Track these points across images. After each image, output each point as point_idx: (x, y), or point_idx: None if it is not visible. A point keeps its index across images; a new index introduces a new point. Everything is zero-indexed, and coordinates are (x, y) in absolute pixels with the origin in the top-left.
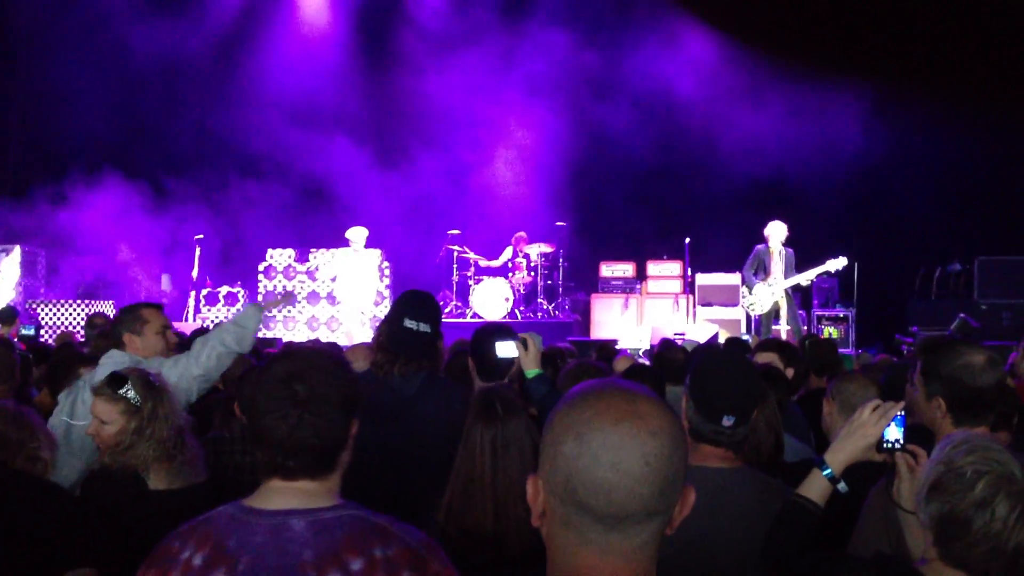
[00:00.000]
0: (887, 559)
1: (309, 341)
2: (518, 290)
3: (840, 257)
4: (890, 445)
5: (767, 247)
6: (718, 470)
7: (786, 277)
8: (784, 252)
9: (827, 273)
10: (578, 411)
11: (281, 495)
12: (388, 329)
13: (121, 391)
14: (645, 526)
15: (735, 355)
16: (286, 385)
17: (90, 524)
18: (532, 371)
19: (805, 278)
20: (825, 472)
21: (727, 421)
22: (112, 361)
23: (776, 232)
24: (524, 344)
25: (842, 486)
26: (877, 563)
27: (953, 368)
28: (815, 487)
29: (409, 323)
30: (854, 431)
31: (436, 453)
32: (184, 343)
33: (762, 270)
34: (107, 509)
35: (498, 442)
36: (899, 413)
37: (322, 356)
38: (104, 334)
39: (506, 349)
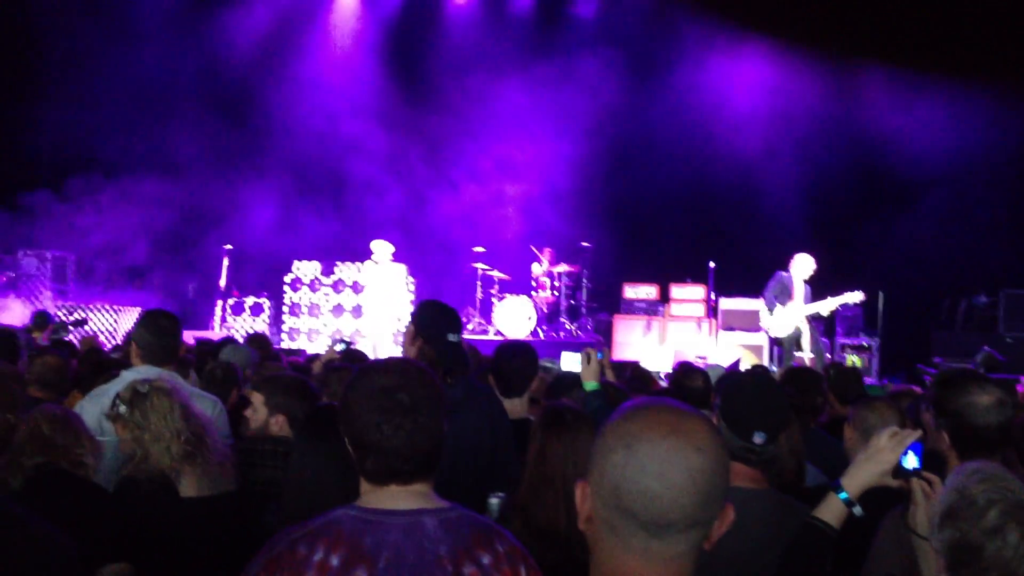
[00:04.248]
0: None
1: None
2: (541, 309)
3: (857, 291)
4: (906, 472)
5: (791, 276)
6: (746, 490)
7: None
8: (805, 286)
9: (844, 304)
10: (629, 423)
11: (404, 497)
12: (435, 347)
13: (114, 409)
14: (685, 536)
15: (764, 376)
16: (390, 396)
17: (126, 524)
18: (590, 384)
19: (824, 308)
20: (841, 496)
21: (758, 438)
22: (137, 375)
23: (804, 266)
24: (587, 358)
25: (857, 510)
26: None
27: (958, 405)
28: (831, 510)
29: (452, 337)
30: (871, 456)
31: (484, 453)
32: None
33: (785, 295)
34: (138, 512)
35: (569, 448)
36: (916, 441)
37: (410, 365)
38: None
39: (570, 361)
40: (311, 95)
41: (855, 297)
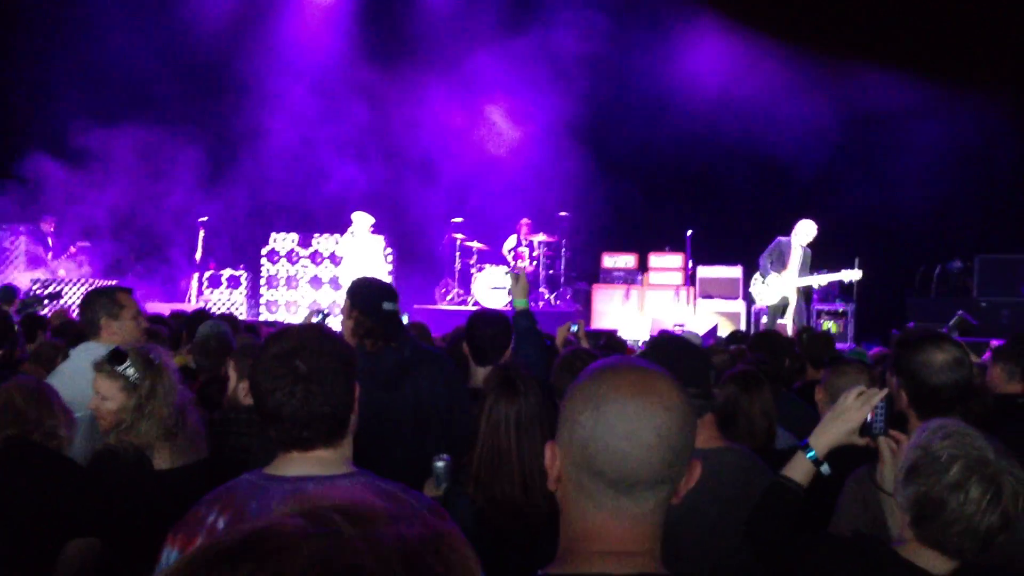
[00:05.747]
0: (865, 538)
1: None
2: None
3: (856, 269)
4: (874, 430)
5: (790, 241)
6: (713, 449)
7: (800, 275)
8: (804, 251)
9: (840, 282)
10: (597, 384)
11: (298, 463)
12: (371, 317)
13: (121, 368)
14: (654, 493)
15: (663, 336)
16: (283, 363)
17: (98, 498)
18: (520, 302)
19: (816, 282)
20: (809, 454)
21: (712, 376)
22: (87, 353)
23: (805, 231)
24: (516, 279)
25: (825, 468)
26: (855, 541)
27: (914, 364)
28: (799, 468)
29: (387, 306)
30: (838, 415)
31: (437, 413)
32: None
33: (779, 263)
34: (114, 487)
35: (522, 417)
36: (883, 400)
37: (311, 330)
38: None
39: (494, 276)
40: (286, 65)
41: (853, 275)
